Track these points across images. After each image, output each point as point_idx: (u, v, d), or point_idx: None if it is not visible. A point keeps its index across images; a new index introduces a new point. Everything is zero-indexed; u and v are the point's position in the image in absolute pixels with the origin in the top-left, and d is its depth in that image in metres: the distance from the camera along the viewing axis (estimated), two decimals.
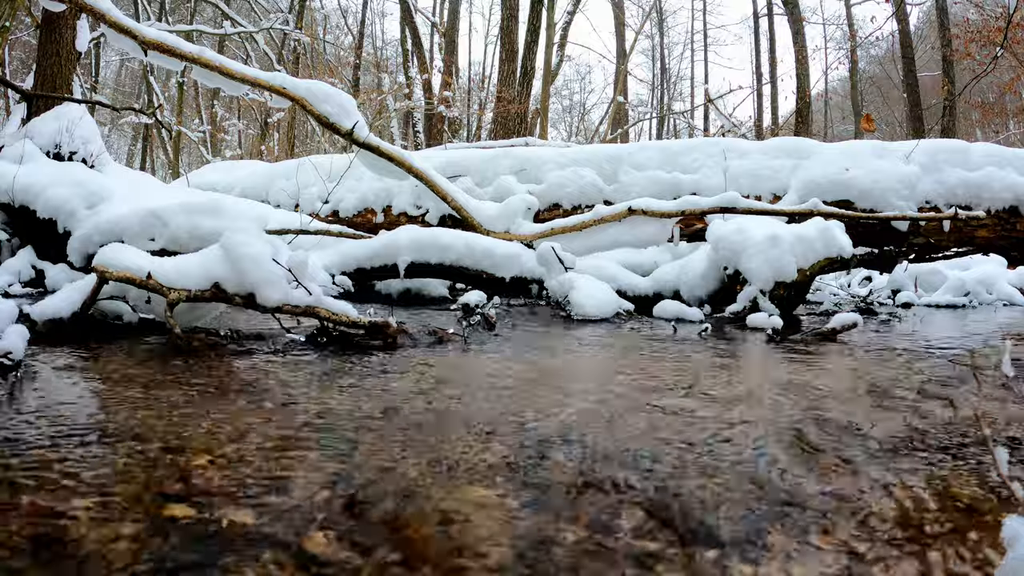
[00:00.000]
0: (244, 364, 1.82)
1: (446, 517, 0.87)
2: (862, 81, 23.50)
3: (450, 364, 1.94)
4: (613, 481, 1.00)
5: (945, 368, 2.05)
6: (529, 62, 13.43)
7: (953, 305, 4.86)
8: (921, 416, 1.44)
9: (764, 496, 0.97)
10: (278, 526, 0.82)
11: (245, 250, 2.15)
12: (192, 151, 22.82)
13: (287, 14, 16.54)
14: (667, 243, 4.14)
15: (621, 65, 23.98)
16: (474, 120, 20.64)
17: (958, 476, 1.08)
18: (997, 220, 4.30)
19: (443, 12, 21.83)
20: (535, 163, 5.15)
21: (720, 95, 19.08)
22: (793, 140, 4.98)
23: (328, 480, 0.97)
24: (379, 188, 5.26)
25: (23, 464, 0.99)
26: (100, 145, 4.75)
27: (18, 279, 3.75)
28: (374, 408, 1.38)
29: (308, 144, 22.01)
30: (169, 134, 15.91)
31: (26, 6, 7.99)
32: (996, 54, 11.64)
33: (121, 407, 1.32)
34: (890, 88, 26.20)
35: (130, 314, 2.39)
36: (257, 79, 4.18)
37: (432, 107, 17.00)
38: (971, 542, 0.86)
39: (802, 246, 3.45)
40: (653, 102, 32.02)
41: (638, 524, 0.87)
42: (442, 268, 3.82)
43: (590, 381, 1.75)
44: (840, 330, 2.70)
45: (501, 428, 1.25)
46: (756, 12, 24.58)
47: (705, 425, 1.31)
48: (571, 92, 37.00)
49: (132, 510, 0.85)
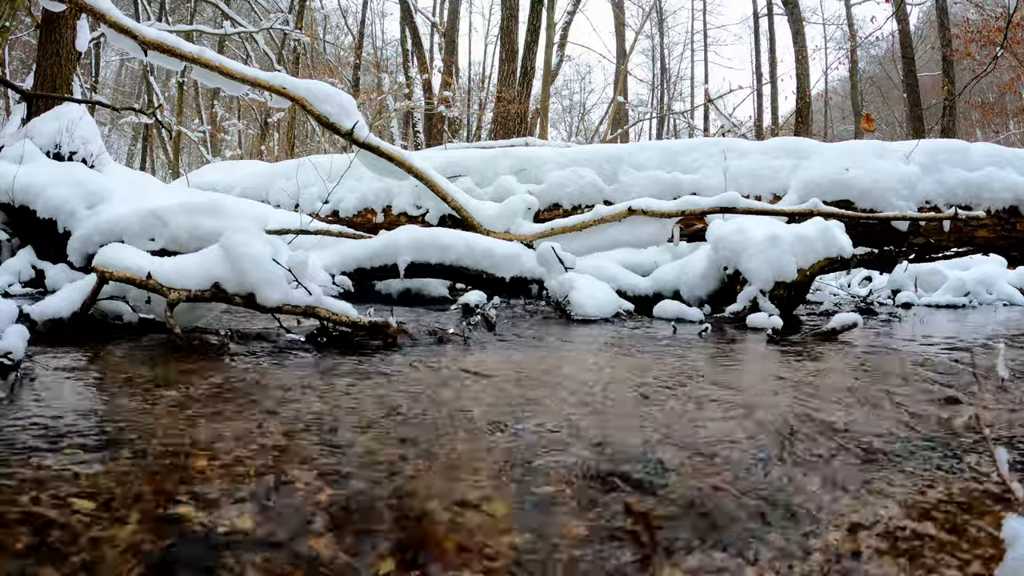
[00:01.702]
0: (244, 364, 1.82)
1: (447, 516, 0.87)
2: (862, 81, 23.50)
3: (450, 364, 1.94)
4: (614, 481, 1.00)
5: (945, 368, 2.05)
6: (529, 62, 13.44)
7: (953, 305, 4.85)
8: (921, 416, 1.44)
9: (764, 496, 0.97)
10: (279, 527, 0.82)
11: (245, 250, 2.15)
12: (192, 151, 22.82)
13: (287, 14, 16.55)
14: (667, 243, 4.14)
15: (621, 65, 23.99)
16: (474, 120, 20.65)
17: (958, 476, 1.08)
18: (997, 220, 4.30)
19: (443, 12, 21.84)
20: (535, 163, 5.15)
21: (720, 95, 19.10)
22: (793, 140, 4.98)
23: (329, 480, 0.97)
24: (379, 188, 5.27)
25: (23, 464, 0.99)
26: (100, 145, 4.76)
27: (18, 279, 3.75)
28: (375, 408, 1.38)
29: (308, 144, 22.01)
30: (169, 134, 15.92)
31: (26, 6, 7.99)
32: (996, 54, 11.64)
33: (121, 407, 1.32)
34: (890, 88, 26.20)
35: (130, 314, 2.39)
36: (257, 79, 4.18)
37: (432, 107, 17.01)
38: (971, 542, 0.86)
39: (802, 246, 3.45)
40: (653, 102, 32.04)
41: (638, 523, 0.87)
42: (442, 268, 3.82)
43: (590, 381, 1.75)
44: (840, 330, 2.70)
45: (502, 428, 1.25)
46: (756, 12, 24.59)
47: (705, 425, 1.31)
48: (571, 92, 37.03)
49: (132, 511, 0.85)
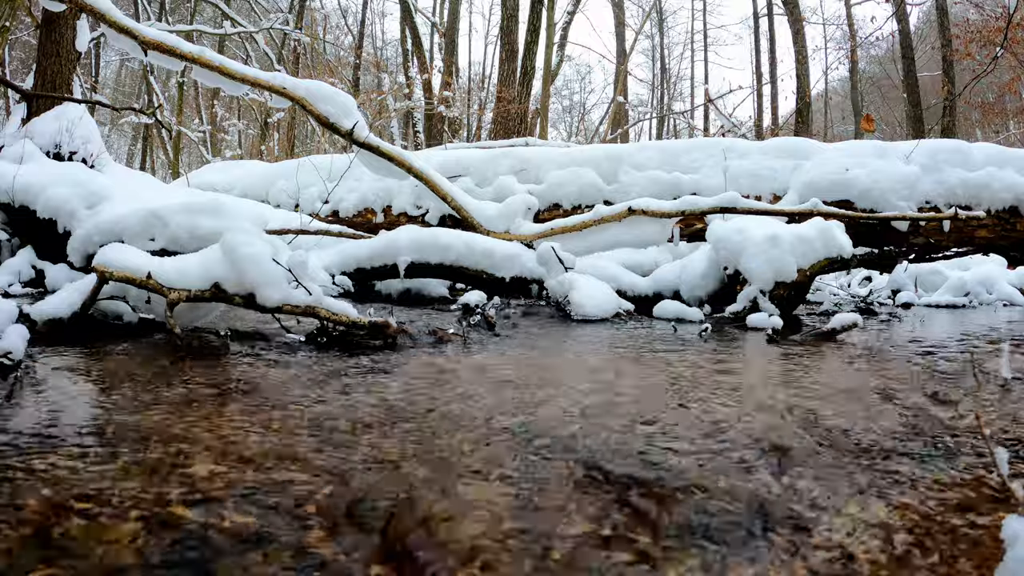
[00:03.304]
0: (244, 364, 1.82)
1: (447, 516, 0.87)
2: (862, 81, 23.50)
3: (450, 364, 1.94)
4: (614, 480, 1.00)
5: (945, 368, 2.05)
6: (529, 62, 13.44)
7: (953, 305, 4.85)
8: (921, 416, 1.44)
9: (764, 495, 0.97)
10: (280, 526, 0.82)
11: (245, 250, 2.15)
12: (192, 151, 22.81)
13: (287, 14, 16.56)
14: (667, 243, 4.14)
15: (621, 65, 24.00)
16: (474, 120, 20.64)
17: (957, 476, 1.08)
18: (997, 220, 4.30)
19: (443, 12, 21.84)
20: (535, 163, 5.15)
21: (720, 95, 19.05)
22: (793, 140, 4.98)
23: (329, 479, 0.97)
24: (379, 188, 5.27)
25: (23, 464, 0.99)
26: (100, 145, 4.75)
27: (18, 279, 3.75)
28: (374, 408, 1.38)
29: (308, 144, 22.01)
30: (169, 134, 15.91)
31: (26, 6, 7.99)
32: (996, 54, 11.63)
33: (121, 407, 1.32)
34: (890, 88, 26.19)
35: (130, 314, 2.39)
36: (257, 79, 4.18)
37: (432, 107, 17.00)
38: (971, 542, 0.86)
39: (802, 246, 3.45)
40: (653, 102, 32.05)
41: (636, 522, 0.87)
42: (442, 268, 3.82)
43: (590, 381, 1.75)
44: (840, 330, 2.70)
45: (502, 427, 1.25)
46: (756, 12, 24.60)
47: (706, 425, 1.31)
48: (571, 92, 37.03)
49: (132, 510, 0.85)
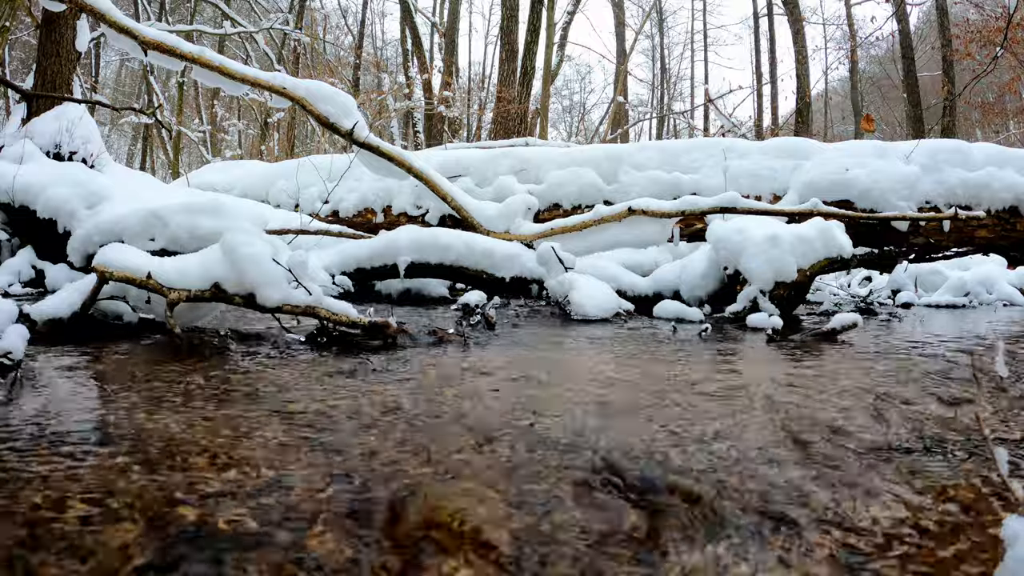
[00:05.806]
0: (244, 364, 1.82)
1: (447, 515, 0.87)
2: (862, 81, 23.50)
3: (450, 364, 1.94)
4: (615, 479, 1.00)
5: (944, 368, 2.05)
6: (529, 62, 13.44)
7: (953, 305, 4.85)
8: (920, 416, 1.44)
9: (764, 495, 0.97)
10: (280, 526, 0.82)
11: (245, 250, 2.15)
12: (192, 151, 22.81)
13: (287, 14, 16.57)
14: (667, 243, 4.14)
15: (621, 65, 24.00)
16: (474, 120, 20.64)
17: (957, 476, 1.08)
18: (997, 220, 4.30)
19: (443, 12, 21.84)
20: (535, 163, 5.15)
21: (720, 95, 19.05)
22: (793, 140, 4.98)
23: (329, 479, 0.97)
24: (379, 188, 5.27)
25: (23, 465, 0.99)
26: (100, 145, 4.76)
27: (18, 279, 3.75)
28: (374, 407, 1.38)
29: (308, 144, 22.01)
30: (169, 134, 15.91)
31: (26, 6, 8.00)
32: (996, 54, 11.64)
33: (121, 407, 1.32)
34: (890, 88, 26.19)
35: (130, 314, 2.39)
36: (257, 79, 4.18)
37: (432, 107, 17.01)
38: (971, 542, 0.86)
39: (802, 246, 3.45)
40: (653, 102, 32.07)
41: (636, 521, 0.87)
42: (442, 268, 3.82)
43: (590, 380, 1.75)
44: (840, 330, 2.70)
45: (501, 427, 1.25)
46: (756, 12, 24.61)
47: (706, 424, 1.31)
48: (571, 92, 37.05)
49: (132, 511, 0.85)
